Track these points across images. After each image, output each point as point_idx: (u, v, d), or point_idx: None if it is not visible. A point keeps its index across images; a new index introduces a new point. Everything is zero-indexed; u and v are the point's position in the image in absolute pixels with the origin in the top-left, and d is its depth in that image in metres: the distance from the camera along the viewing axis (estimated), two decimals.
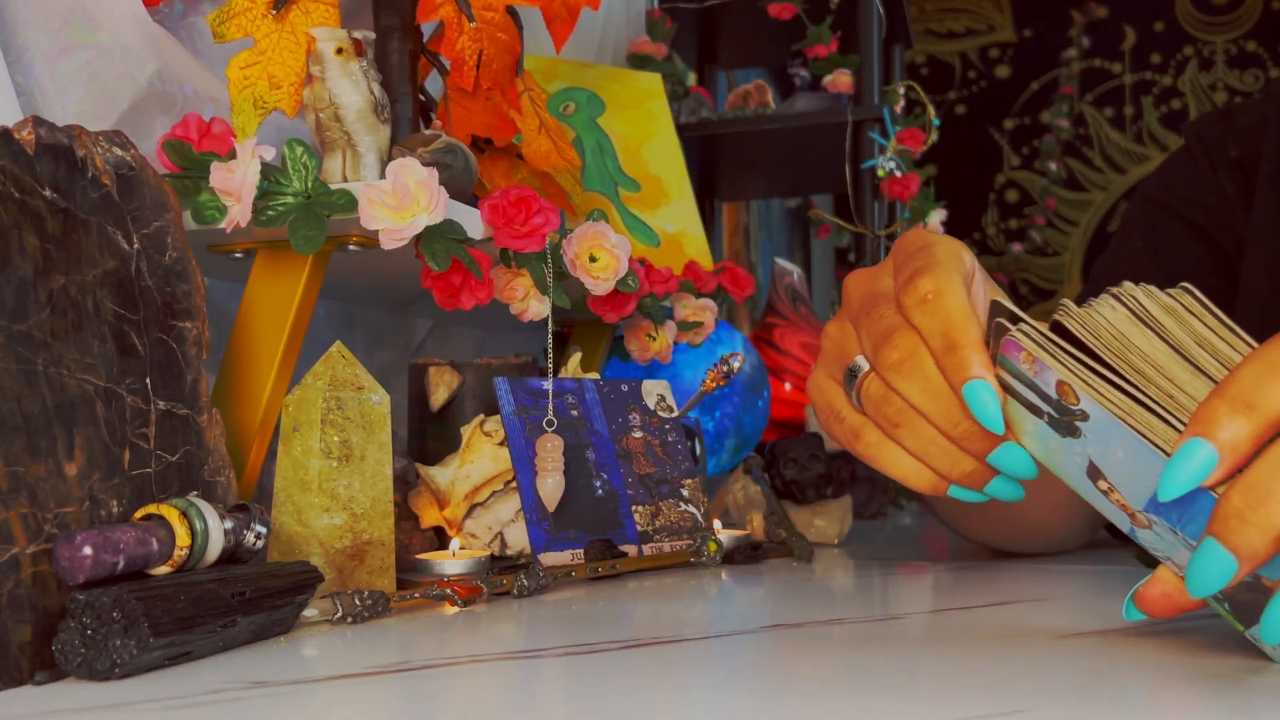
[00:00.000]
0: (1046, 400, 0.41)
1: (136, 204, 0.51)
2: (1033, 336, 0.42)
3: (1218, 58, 3.79)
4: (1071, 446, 0.42)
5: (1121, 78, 3.87)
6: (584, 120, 1.09)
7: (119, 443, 0.47)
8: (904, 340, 0.45)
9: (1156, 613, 0.41)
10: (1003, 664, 0.42)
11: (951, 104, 3.99)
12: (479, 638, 0.49)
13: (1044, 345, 0.41)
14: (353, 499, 0.59)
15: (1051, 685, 0.39)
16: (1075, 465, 0.42)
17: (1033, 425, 0.43)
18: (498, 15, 0.74)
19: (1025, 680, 0.39)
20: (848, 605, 0.58)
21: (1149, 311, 0.41)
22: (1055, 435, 0.42)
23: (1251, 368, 0.37)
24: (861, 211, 1.43)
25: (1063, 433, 0.42)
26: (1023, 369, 0.42)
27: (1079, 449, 0.41)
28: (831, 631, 0.49)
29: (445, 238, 0.64)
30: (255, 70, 0.69)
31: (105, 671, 0.39)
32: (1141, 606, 0.41)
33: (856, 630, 0.50)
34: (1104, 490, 0.42)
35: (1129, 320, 0.41)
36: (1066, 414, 0.41)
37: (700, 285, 0.96)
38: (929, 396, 0.44)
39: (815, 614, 0.54)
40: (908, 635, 0.49)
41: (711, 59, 1.76)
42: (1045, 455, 0.43)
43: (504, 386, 0.73)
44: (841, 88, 1.43)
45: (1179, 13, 3.83)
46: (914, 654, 0.44)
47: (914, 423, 0.45)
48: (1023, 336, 0.42)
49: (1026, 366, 0.41)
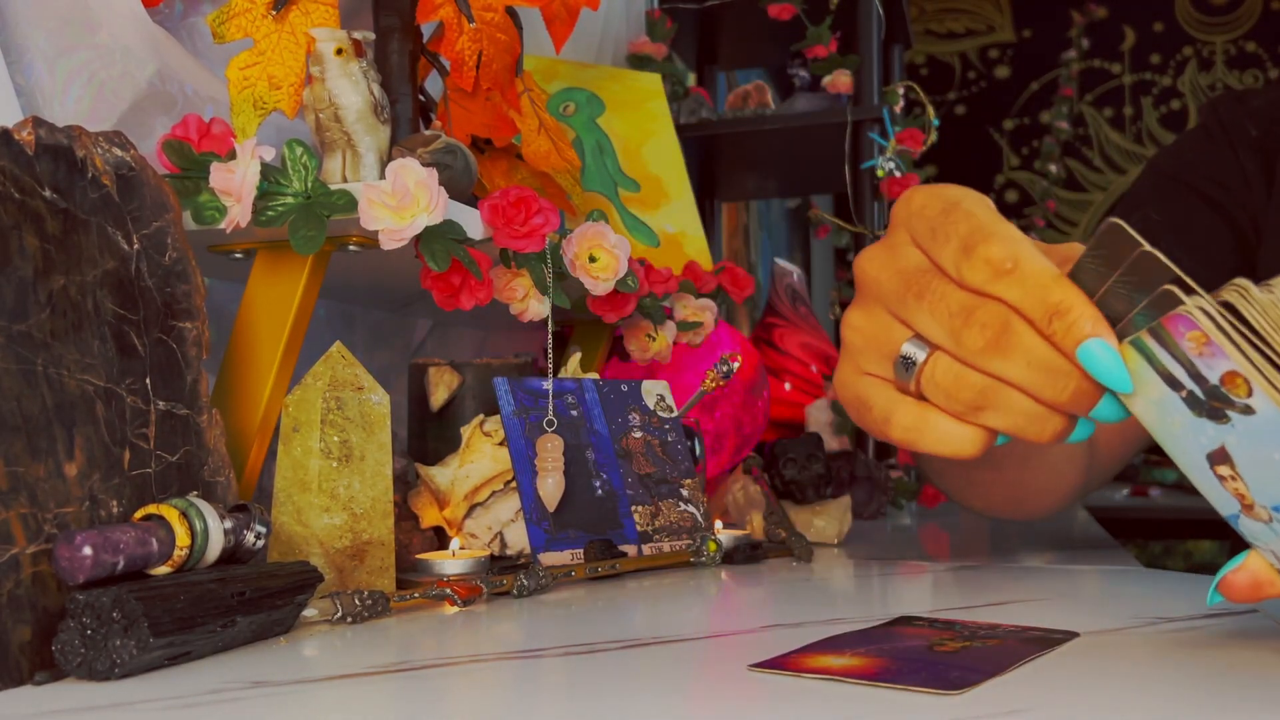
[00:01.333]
0: (1199, 381, 0.38)
1: (136, 204, 0.51)
2: (1214, 318, 0.37)
3: (1217, 58, 3.79)
4: (1203, 427, 0.39)
5: (1121, 78, 3.87)
6: (584, 120, 1.09)
7: (119, 443, 0.47)
8: (990, 317, 0.41)
9: (1242, 598, 0.41)
10: None
11: (951, 104, 3.99)
12: (479, 638, 0.49)
13: (1226, 330, 0.37)
14: (353, 499, 0.59)
15: (1051, 685, 0.39)
16: (1197, 444, 0.39)
17: (1159, 394, 0.39)
18: (497, 16, 0.74)
19: (1025, 680, 0.39)
20: (847, 605, 0.58)
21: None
22: (1187, 412, 0.39)
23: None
24: (861, 212, 1.43)
25: (1199, 412, 0.39)
26: (1185, 345, 0.38)
27: (1213, 432, 0.39)
28: (831, 631, 0.49)
29: (445, 238, 0.64)
30: (255, 71, 0.69)
31: (105, 671, 0.39)
32: (1227, 592, 0.41)
33: (856, 630, 0.50)
34: (1222, 476, 0.39)
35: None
36: (1223, 401, 0.38)
37: (700, 285, 0.96)
38: (1034, 370, 0.41)
39: (815, 614, 0.54)
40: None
41: (711, 59, 1.76)
42: (1158, 423, 0.40)
43: (504, 386, 0.73)
44: (841, 88, 1.43)
45: (1178, 13, 3.83)
46: None
47: (1003, 401, 0.42)
48: (1201, 315, 0.37)
49: (1192, 345, 0.38)
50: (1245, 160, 0.78)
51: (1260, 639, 0.46)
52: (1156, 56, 3.85)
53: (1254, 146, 0.78)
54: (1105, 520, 1.34)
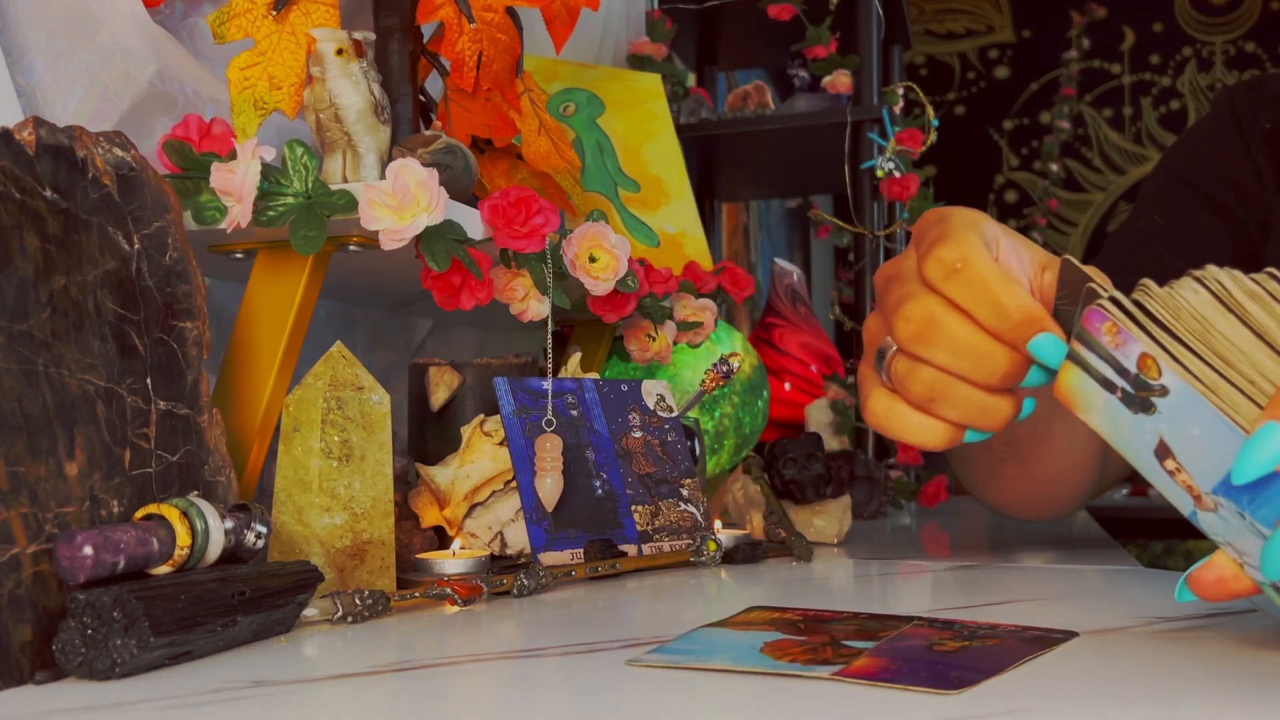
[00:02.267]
0: (1124, 374, 0.41)
1: (137, 204, 0.51)
2: (1123, 306, 0.41)
3: (1216, 58, 3.79)
4: (1142, 424, 0.41)
5: (1121, 78, 3.87)
6: (584, 121, 1.09)
7: (119, 443, 0.47)
8: (916, 309, 0.46)
9: (1209, 596, 0.41)
10: None
11: (951, 105, 3.99)
12: (479, 637, 0.49)
13: (1132, 315, 0.41)
14: (353, 499, 0.59)
15: (1051, 685, 0.39)
16: (1144, 444, 0.42)
17: (1103, 402, 0.42)
18: (498, 16, 0.74)
19: (1025, 680, 0.39)
20: (847, 604, 0.58)
21: (1233, 296, 0.41)
22: (1126, 412, 0.42)
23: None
24: (861, 212, 1.43)
25: (1135, 409, 0.41)
26: (1103, 340, 0.42)
27: (1150, 426, 0.41)
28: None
29: (445, 238, 0.64)
30: (255, 71, 0.69)
31: (105, 671, 0.39)
32: (1195, 589, 0.41)
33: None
34: (1170, 470, 0.41)
35: (1212, 304, 0.41)
36: (1144, 389, 0.41)
37: (700, 285, 0.96)
38: (958, 356, 0.45)
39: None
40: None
41: (711, 60, 1.76)
42: (1112, 433, 0.43)
43: (504, 386, 0.73)
44: (841, 88, 1.43)
45: (1178, 13, 3.83)
46: None
47: (949, 392, 0.46)
48: (1110, 306, 0.41)
49: (1108, 339, 0.41)
50: (1257, 154, 0.77)
51: (1261, 639, 0.46)
52: (1156, 57, 3.85)
53: (1266, 139, 0.77)
54: (1105, 520, 1.34)
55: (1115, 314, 0.41)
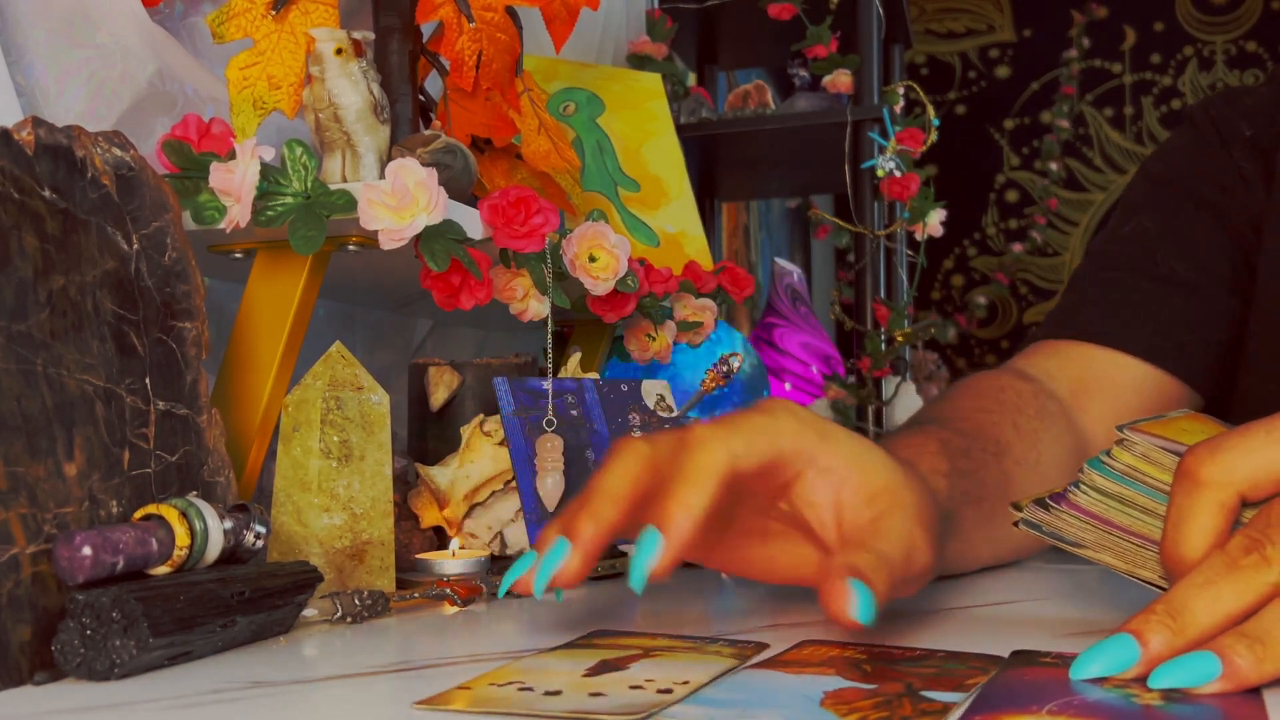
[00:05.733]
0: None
1: (136, 204, 0.51)
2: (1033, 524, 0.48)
3: (1217, 58, 3.79)
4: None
5: (1121, 78, 3.87)
6: (584, 120, 1.09)
7: (119, 443, 0.47)
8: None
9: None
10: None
11: (951, 104, 3.99)
12: (479, 638, 0.49)
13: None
14: (352, 499, 0.59)
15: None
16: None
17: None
18: (497, 15, 0.74)
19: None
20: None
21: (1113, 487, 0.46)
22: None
23: (1188, 584, 0.38)
24: (861, 212, 1.43)
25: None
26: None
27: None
28: (830, 631, 0.49)
29: (445, 238, 0.64)
30: (255, 70, 0.69)
31: (105, 671, 0.39)
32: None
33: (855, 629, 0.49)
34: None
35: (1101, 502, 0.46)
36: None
37: (700, 285, 0.96)
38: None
39: (815, 613, 0.54)
40: (908, 635, 0.49)
41: (711, 59, 1.76)
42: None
43: (504, 386, 0.73)
44: (841, 88, 1.43)
45: (1179, 13, 3.83)
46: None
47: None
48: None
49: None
50: (1241, 160, 0.76)
51: None
52: (1157, 56, 3.85)
53: (1250, 145, 0.76)
54: None
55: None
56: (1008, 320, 3.85)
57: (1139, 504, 0.45)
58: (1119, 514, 0.45)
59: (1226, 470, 0.40)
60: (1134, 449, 0.45)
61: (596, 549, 0.38)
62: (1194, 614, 0.37)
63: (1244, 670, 0.36)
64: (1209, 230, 0.77)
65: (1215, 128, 0.78)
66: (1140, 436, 0.45)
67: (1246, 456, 0.40)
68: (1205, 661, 0.36)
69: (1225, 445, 0.40)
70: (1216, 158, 0.78)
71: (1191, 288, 0.75)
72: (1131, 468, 0.45)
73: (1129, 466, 0.45)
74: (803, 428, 0.44)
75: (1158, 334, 0.74)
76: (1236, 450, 0.40)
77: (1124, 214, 0.81)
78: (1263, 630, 0.36)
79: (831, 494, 0.45)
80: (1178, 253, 0.76)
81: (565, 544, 0.38)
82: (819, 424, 0.45)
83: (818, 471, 0.44)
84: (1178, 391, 0.75)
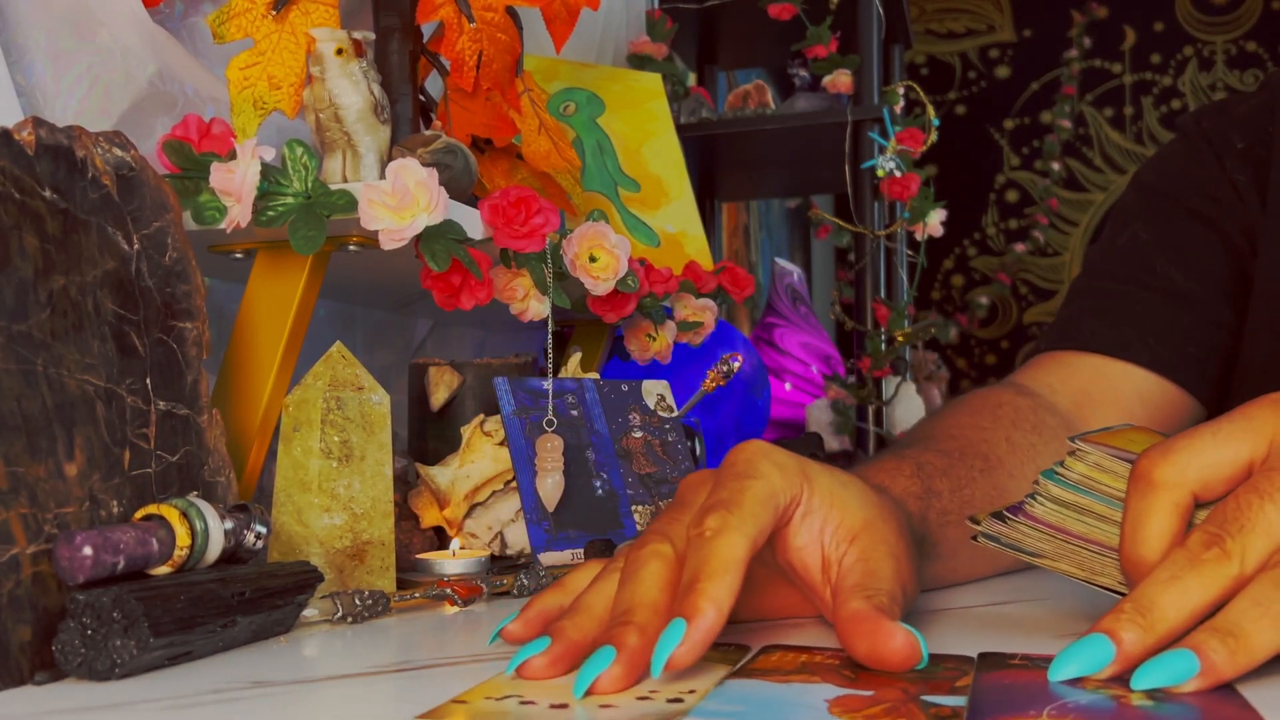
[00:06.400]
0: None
1: (136, 204, 0.51)
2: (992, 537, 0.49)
3: (1217, 58, 3.79)
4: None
5: (1121, 78, 3.87)
6: (584, 120, 1.09)
7: (119, 443, 0.47)
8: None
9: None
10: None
11: (951, 104, 3.99)
12: (479, 638, 0.49)
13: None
14: (353, 499, 0.59)
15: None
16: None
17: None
18: (498, 15, 0.74)
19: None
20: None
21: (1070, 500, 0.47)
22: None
23: (1154, 580, 0.38)
24: (861, 211, 1.43)
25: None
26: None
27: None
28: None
29: (445, 238, 0.64)
30: (255, 71, 0.69)
31: (105, 671, 0.39)
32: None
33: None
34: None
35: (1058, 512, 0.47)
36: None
37: (700, 285, 0.96)
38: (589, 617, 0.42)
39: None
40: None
41: (711, 59, 1.76)
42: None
43: (504, 386, 0.73)
44: (841, 88, 1.43)
45: (1179, 13, 3.83)
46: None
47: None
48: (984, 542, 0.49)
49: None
50: (1234, 172, 0.76)
51: None
52: (1157, 56, 3.85)
53: (1242, 157, 0.76)
54: None
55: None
56: (1008, 320, 3.85)
57: (1095, 512, 0.46)
58: (1075, 523, 0.46)
59: (1179, 471, 0.41)
60: (1087, 459, 0.47)
61: (644, 661, 0.38)
62: (1162, 610, 0.38)
63: (1220, 665, 0.36)
64: (1204, 240, 0.77)
65: (1207, 140, 0.78)
66: (1092, 446, 0.47)
67: (1197, 456, 0.41)
68: (1183, 659, 0.36)
69: (1176, 447, 0.41)
70: (1209, 170, 0.77)
71: (1190, 297, 0.75)
72: (1086, 476, 0.46)
73: (1083, 475, 0.46)
74: (787, 477, 0.44)
75: (1160, 343, 0.74)
76: (1187, 451, 0.41)
77: (1118, 224, 0.81)
78: (1233, 623, 0.37)
79: (816, 535, 0.46)
80: (1174, 263, 0.76)
81: (611, 652, 0.38)
82: (797, 466, 0.45)
83: (801, 515, 0.45)
84: (1181, 400, 0.75)
